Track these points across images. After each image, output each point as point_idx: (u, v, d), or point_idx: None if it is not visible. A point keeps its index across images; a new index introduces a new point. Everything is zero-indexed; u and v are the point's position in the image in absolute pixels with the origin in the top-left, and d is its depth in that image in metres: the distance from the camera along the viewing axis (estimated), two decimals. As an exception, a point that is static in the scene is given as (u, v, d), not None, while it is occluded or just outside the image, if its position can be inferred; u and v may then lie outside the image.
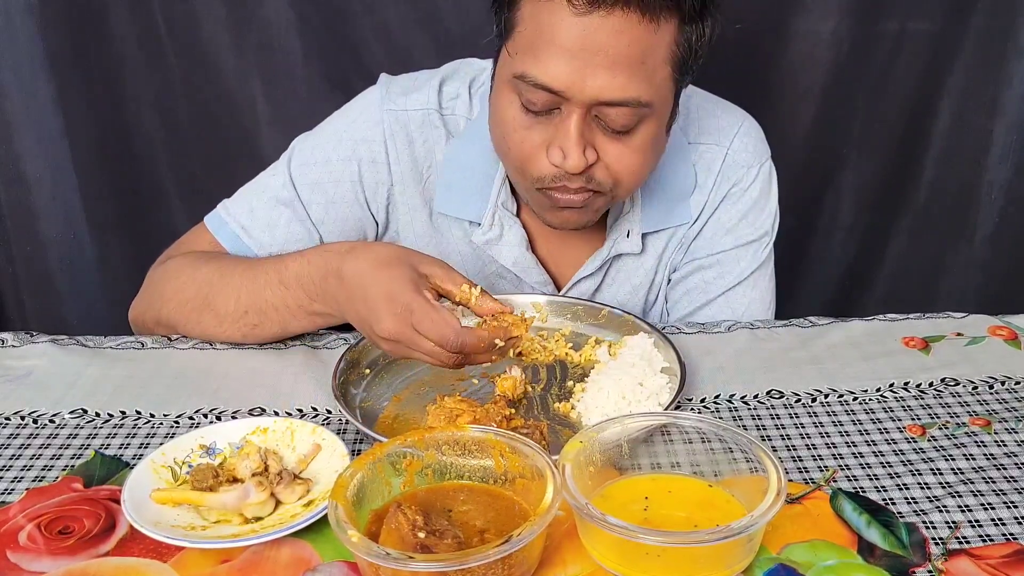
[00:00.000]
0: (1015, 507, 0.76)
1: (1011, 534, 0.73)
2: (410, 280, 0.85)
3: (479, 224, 1.12)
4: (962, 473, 0.81)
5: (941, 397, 0.93)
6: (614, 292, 1.19)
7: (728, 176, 1.15)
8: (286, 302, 0.98)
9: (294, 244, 1.09)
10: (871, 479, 0.80)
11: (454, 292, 0.88)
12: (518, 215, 1.13)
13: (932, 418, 0.90)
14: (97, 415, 0.90)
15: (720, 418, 0.88)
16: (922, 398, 0.93)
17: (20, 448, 0.85)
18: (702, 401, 0.94)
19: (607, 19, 0.87)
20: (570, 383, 0.97)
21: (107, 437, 0.87)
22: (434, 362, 0.85)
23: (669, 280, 1.20)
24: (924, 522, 0.74)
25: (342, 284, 0.90)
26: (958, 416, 0.90)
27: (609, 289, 1.19)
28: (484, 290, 0.89)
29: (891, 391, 0.95)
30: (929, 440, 0.86)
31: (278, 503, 0.75)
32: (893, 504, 0.77)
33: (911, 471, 0.81)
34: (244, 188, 1.14)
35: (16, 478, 0.81)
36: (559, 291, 1.18)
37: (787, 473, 0.80)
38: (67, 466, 0.83)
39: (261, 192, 1.11)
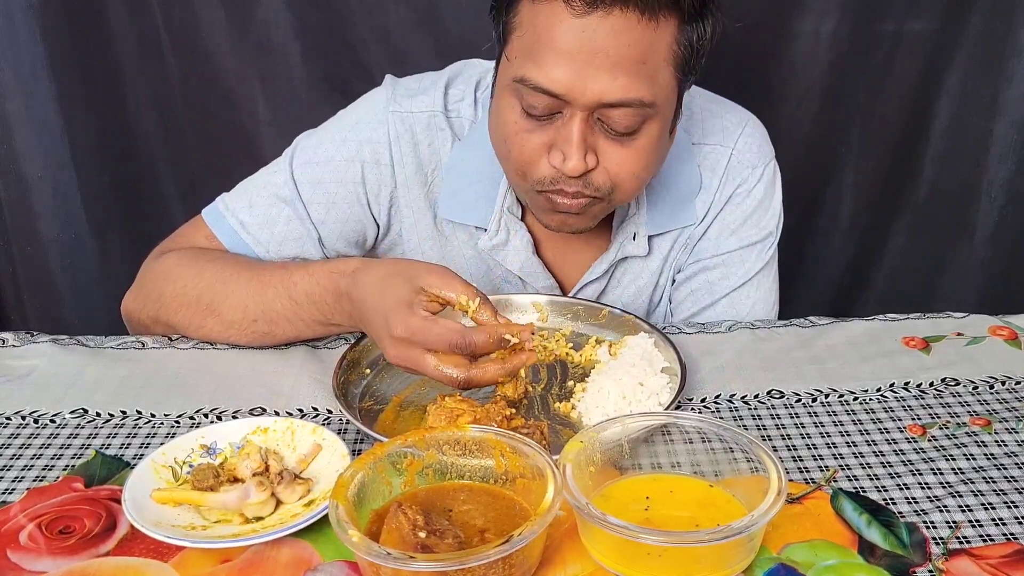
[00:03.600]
0: (1016, 507, 0.76)
1: (1012, 534, 0.73)
2: (405, 303, 0.84)
3: (485, 229, 1.12)
4: (963, 473, 0.81)
5: (941, 397, 0.93)
6: (619, 294, 1.18)
7: (733, 177, 1.14)
8: (299, 315, 0.98)
9: (292, 242, 1.09)
10: (872, 479, 0.80)
11: (452, 300, 0.86)
12: (523, 219, 1.13)
13: (933, 418, 0.90)
14: (98, 415, 0.90)
15: (720, 418, 0.88)
16: (922, 398, 0.93)
17: (21, 448, 0.85)
18: (702, 401, 0.94)
19: (606, 19, 0.87)
20: (570, 383, 0.97)
21: (108, 437, 0.87)
22: (447, 377, 0.84)
23: (673, 281, 1.20)
24: (925, 522, 0.74)
25: (355, 306, 0.91)
26: (958, 416, 0.90)
27: (614, 291, 1.18)
28: (485, 299, 0.86)
29: (891, 391, 0.95)
30: (930, 440, 0.86)
31: (279, 503, 0.75)
32: (894, 504, 0.77)
33: (912, 471, 0.81)
34: (244, 183, 1.13)
35: (17, 478, 0.81)
36: (565, 295, 1.17)
37: (787, 473, 0.80)
38: (68, 466, 0.83)
39: (261, 188, 1.11)
